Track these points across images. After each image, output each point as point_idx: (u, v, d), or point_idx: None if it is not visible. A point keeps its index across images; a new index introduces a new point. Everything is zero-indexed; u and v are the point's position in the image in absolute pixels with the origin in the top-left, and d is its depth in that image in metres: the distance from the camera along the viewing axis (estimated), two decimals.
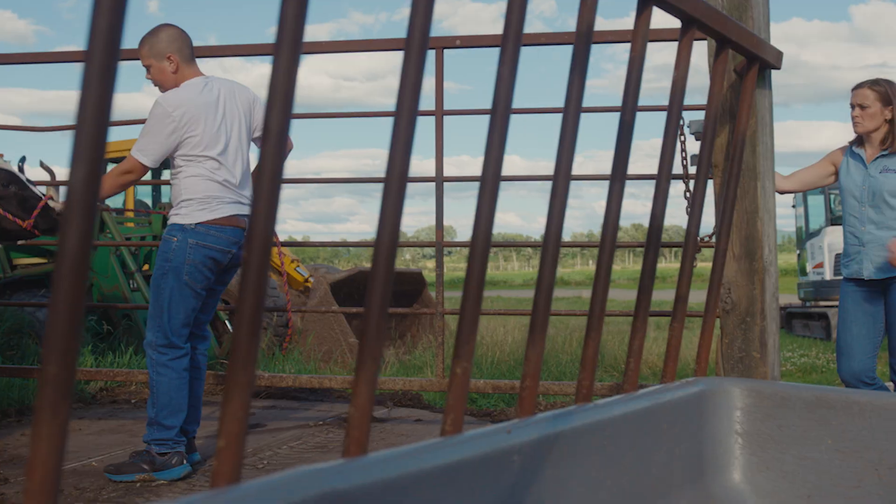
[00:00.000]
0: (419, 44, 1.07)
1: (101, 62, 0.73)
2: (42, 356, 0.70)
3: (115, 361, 6.69)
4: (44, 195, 4.07)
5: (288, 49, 0.91)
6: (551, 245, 1.35)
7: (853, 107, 4.05)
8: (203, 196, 3.86)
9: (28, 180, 4.11)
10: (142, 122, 5.19)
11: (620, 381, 1.90)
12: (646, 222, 1.63)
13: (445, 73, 4.78)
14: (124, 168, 3.88)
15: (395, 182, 1.04)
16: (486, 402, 6.10)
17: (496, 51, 1.24)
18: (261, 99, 4.09)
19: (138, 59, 4.01)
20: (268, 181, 0.91)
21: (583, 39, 1.37)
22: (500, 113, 1.25)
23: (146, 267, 8.25)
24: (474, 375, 7.63)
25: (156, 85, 4.00)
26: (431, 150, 4.76)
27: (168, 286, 3.86)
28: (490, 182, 1.22)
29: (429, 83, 4.80)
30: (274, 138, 0.92)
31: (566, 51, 1.36)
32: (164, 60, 3.93)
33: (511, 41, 1.22)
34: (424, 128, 7.32)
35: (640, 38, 1.56)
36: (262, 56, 5.33)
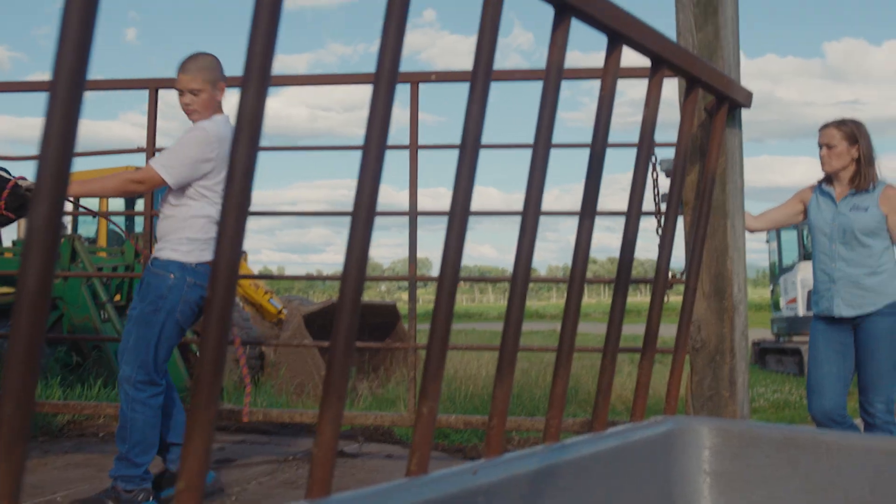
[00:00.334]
0: (388, 81, 1.06)
1: (64, 95, 0.73)
2: None
3: (84, 394, 6.61)
4: (14, 177, 3.92)
5: (256, 84, 0.91)
6: (519, 283, 1.35)
7: (821, 146, 4.10)
8: (208, 237, 3.79)
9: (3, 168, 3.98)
10: (108, 152, 5.13)
11: (589, 418, 1.89)
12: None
13: (422, 104, 4.80)
14: (138, 177, 3.78)
15: (362, 222, 1.04)
16: (459, 437, 6.06)
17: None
18: None
19: (177, 84, 3.85)
20: (233, 216, 0.90)
21: (552, 80, 1.38)
22: (469, 150, 1.25)
23: (117, 297, 8.18)
24: (447, 410, 7.59)
25: (189, 112, 3.86)
26: (406, 182, 4.77)
27: (159, 323, 3.77)
28: (458, 218, 1.22)
29: (404, 116, 4.81)
30: (240, 173, 0.91)
31: (540, 85, 1.36)
32: (216, 89, 3.84)
33: (480, 80, 1.22)
34: (399, 161, 7.34)
35: (609, 76, 1.57)
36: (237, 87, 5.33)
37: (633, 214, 1.62)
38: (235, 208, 0.88)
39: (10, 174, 3.96)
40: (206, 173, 3.76)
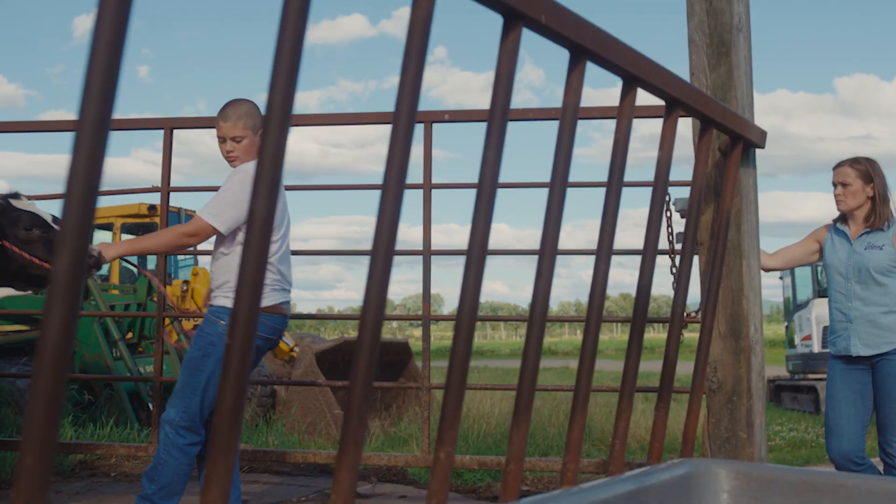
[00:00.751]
0: (405, 126, 1.07)
1: (91, 132, 0.73)
2: (20, 447, 0.68)
3: (96, 433, 6.59)
4: None
5: (275, 131, 0.91)
6: (536, 326, 1.34)
7: (835, 185, 4.10)
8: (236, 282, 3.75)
9: (55, 217, 3.86)
10: (125, 192, 5.16)
11: (606, 459, 1.87)
12: (634, 291, 1.62)
13: (435, 141, 4.83)
14: (190, 230, 3.75)
15: (379, 271, 1.04)
16: (473, 476, 6.02)
17: (485, 122, 1.25)
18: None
19: (216, 129, 3.85)
20: (252, 266, 0.91)
21: (567, 122, 1.39)
22: (486, 193, 1.25)
23: (129, 335, 8.19)
24: (460, 450, 7.55)
25: (231, 159, 3.86)
26: (419, 218, 4.78)
27: (207, 369, 3.72)
28: (476, 259, 1.22)
29: (417, 153, 4.84)
30: (259, 224, 0.91)
31: (554, 122, 1.37)
32: (257, 135, 3.84)
33: (496, 123, 1.23)
34: (412, 198, 7.35)
35: (624, 118, 1.58)
36: None
37: (648, 259, 1.62)
38: (254, 260, 0.88)
39: (56, 223, 3.82)
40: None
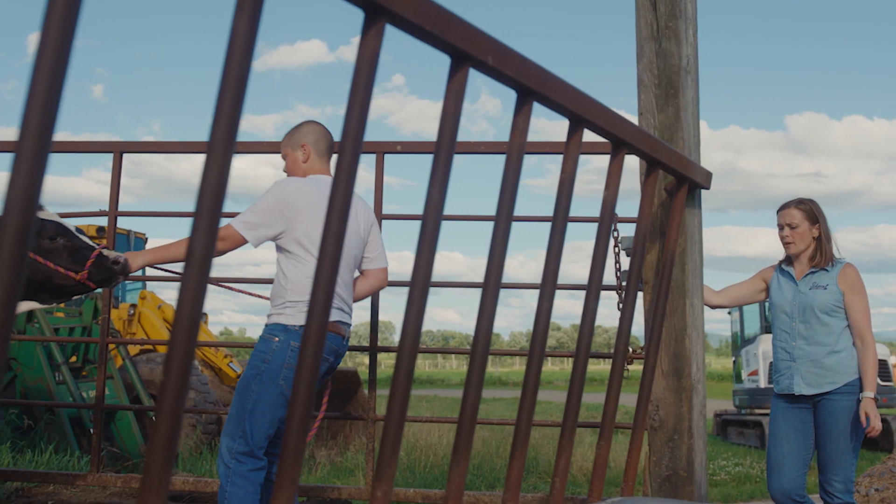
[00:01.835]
0: (350, 163, 1.07)
1: (33, 145, 0.72)
2: None
3: (35, 460, 6.44)
4: (98, 244, 3.67)
5: (218, 157, 0.91)
6: (477, 363, 1.34)
7: (782, 227, 4.16)
8: (309, 298, 3.60)
9: (77, 229, 3.72)
10: (73, 214, 5.09)
11: (548, 494, 1.87)
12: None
13: (389, 168, 4.83)
14: (219, 235, 3.58)
15: (321, 300, 1.03)
16: None
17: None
18: (377, 226, 3.99)
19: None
20: (194, 280, 0.90)
21: (513, 161, 1.40)
22: (430, 229, 1.25)
23: (73, 359, 8.05)
24: (407, 482, 7.49)
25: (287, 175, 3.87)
26: None
27: (258, 388, 3.56)
28: (417, 297, 1.22)
29: (371, 180, 4.83)
30: (201, 242, 0.91)
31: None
32: (297, 149, 3.83)
33: (442, 160, 1.23)
34: None
35: (570, 159, 1.59)
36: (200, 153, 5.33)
37: (591, 297, 1.63)
38: (196, 275, 0.87)
39: (81, 232, 3.72)
40: (286, 230, 3.64)
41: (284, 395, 3.56)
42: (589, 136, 1.71)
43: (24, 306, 3.78)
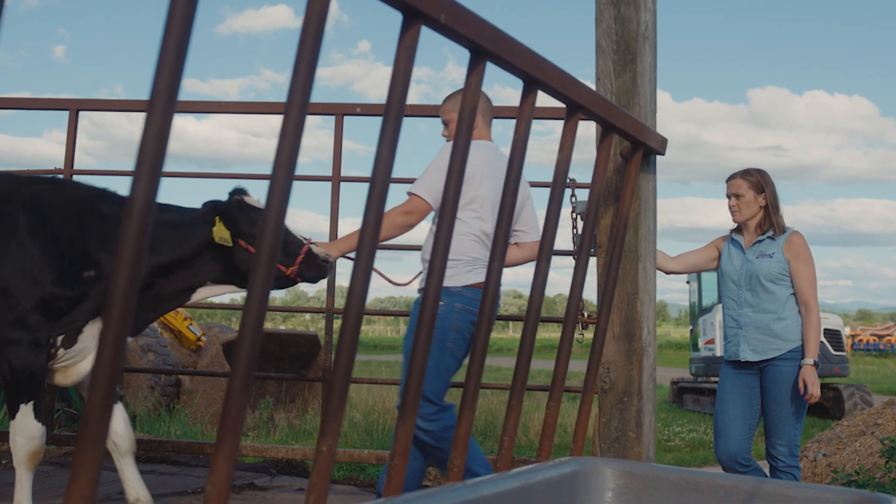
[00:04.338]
0: (297, 116, 1.07)
1: None
2: None
3: None
4: (306, 239, 3.59)
5: (159, 113, 0.90)
6: (425, 325, 1.35)
7: (729, 196, 4.22)
8: (470, 257, 3.58)
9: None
10: (25, 172, 5.02)
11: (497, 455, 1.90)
12: (555, 291, 1.65)
13: (352, 134, 4.82)
14: (405, 208, 3.54)
15: (265, 262, 1.03)
16: (375, 470, 6.02)
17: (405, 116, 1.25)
18: (532, 199, 3.93)
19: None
20: (132, 243, 0.89)
21: (465, 121, 1.40)
22: (378, 188, 1.26)
23: None
24: (365, 444, 7.53)
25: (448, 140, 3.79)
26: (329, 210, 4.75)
27: (430, 353, 3.47)
28: (365, 254, 1.22)
29: (331, 145, 4.80)
30: (139, 205, 0.90)
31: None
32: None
33: (391, 121, 1.23)
34: (322, 191, 7.32)
35: (524, 120, 1.60)
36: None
37: (543, 260, 1.64)
38: (134, 237, 0.87)
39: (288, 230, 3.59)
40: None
41: (454, 356, 3.59)
42: (548, 101, 1.72)
43: (223, 290, 3.67)
